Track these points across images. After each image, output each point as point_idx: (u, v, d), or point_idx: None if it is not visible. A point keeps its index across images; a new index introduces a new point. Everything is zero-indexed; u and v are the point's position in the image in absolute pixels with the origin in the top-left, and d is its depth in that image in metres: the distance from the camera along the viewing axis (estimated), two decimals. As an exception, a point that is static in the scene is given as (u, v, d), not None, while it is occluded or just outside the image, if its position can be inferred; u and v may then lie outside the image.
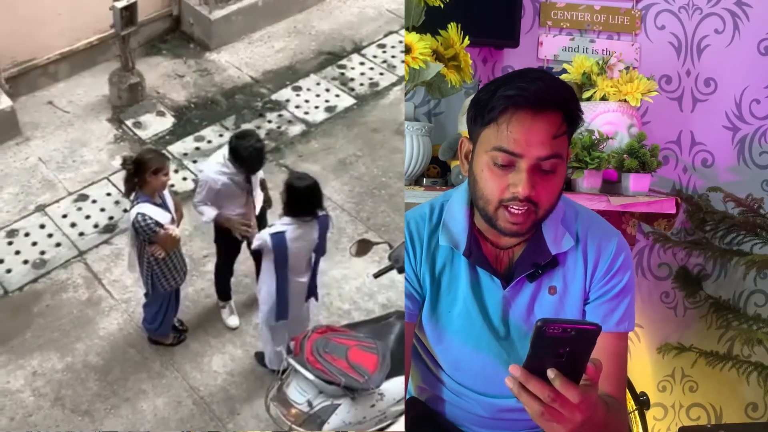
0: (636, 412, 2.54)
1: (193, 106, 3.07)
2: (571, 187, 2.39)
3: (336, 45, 3.34)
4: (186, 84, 3.15)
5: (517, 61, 2.78)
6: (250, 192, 2.29)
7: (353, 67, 3.24)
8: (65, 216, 2.65)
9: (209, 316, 2.43)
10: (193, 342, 2.36)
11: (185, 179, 2.80)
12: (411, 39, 2.12)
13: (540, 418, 1.09)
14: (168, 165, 2.16)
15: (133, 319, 2.37)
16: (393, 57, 3.28)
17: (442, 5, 2.21)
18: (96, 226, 2.63)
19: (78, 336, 2.33)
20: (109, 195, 2.72)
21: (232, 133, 2.56)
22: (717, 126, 2.93)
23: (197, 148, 2.91)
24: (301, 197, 2.05)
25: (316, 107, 3.07)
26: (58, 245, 2.56)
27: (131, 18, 2.82)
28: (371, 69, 3.24)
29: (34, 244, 2.56)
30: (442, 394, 1.61)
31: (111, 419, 2.14)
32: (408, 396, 1.71)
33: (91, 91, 3.08)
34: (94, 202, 2.70)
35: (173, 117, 3.02)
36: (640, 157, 2.35)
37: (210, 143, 2.91)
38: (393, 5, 3.48)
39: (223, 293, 2.42)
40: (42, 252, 2.54)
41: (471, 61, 2.28)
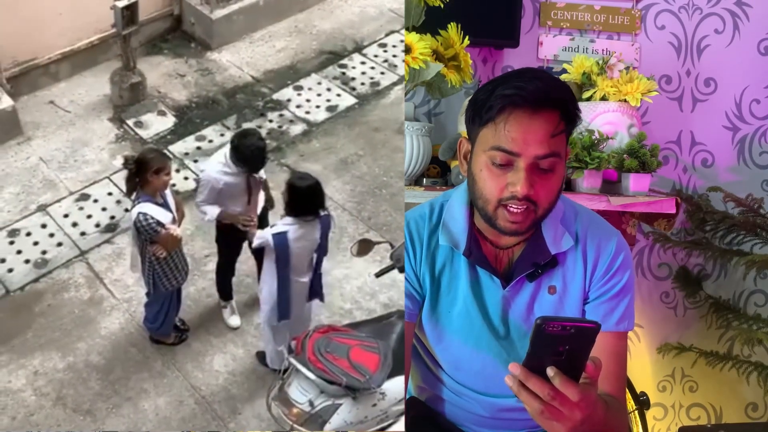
0: (636, 412, 2.54)
1: (195, 105, 3.07)
2: (571, 187, 2.39)
3: (337, 44, 3.34)
4: (187, 83, 3.15)
5: (517, 61, 2.77)
6: (251, 191, 2.29)
7: (354, 67, 3.24)
8: (67, 215, 2.65)
9: (211, 315, 2.43)
10: (195, 341, 2.36)
11: (186, 179, 2.80)
12: (411, 39, 2.12)
13: (540, 416, 1.10)
14: (169, 164, 2.16)
15: (135, 319, 2.38)
16: (394, 56, 3.28)
17: (442, 5, 2.21)
18: (97, 225, 2.63)
19: (79, 335, 2.33)
20: (111, 194, 2.72)
21: (233, 133, 2.56)
22: (717, 126, 2.93)
23: (198, 147, 2.91)
24: (303, 197, 2.05)
25: (317, 107, 3.08)
26: (59, 245, 2.57)
27: (132, 17, 2.82)
28: (372, 68, 3.24)
29: (35, 243, 2.57)
30: (442, 393, 1.62)
31: (112, 419, 2.14)
32: (408, 396, 1.71)
33: (93, 91, 3.08)
34: (95, 201, 2.70)
35: (174, 116, 3.02)
36: (640, 157, 2.35)
37: (211, 143, 2.91)
38: (394, 4, 3.48)
39: (225, 293, 2.43)
40: (43, 251, 2.55)
41: (471, 61, 2.27)
